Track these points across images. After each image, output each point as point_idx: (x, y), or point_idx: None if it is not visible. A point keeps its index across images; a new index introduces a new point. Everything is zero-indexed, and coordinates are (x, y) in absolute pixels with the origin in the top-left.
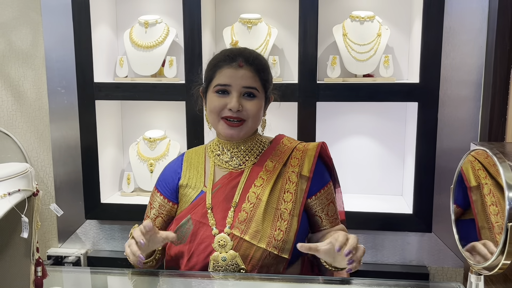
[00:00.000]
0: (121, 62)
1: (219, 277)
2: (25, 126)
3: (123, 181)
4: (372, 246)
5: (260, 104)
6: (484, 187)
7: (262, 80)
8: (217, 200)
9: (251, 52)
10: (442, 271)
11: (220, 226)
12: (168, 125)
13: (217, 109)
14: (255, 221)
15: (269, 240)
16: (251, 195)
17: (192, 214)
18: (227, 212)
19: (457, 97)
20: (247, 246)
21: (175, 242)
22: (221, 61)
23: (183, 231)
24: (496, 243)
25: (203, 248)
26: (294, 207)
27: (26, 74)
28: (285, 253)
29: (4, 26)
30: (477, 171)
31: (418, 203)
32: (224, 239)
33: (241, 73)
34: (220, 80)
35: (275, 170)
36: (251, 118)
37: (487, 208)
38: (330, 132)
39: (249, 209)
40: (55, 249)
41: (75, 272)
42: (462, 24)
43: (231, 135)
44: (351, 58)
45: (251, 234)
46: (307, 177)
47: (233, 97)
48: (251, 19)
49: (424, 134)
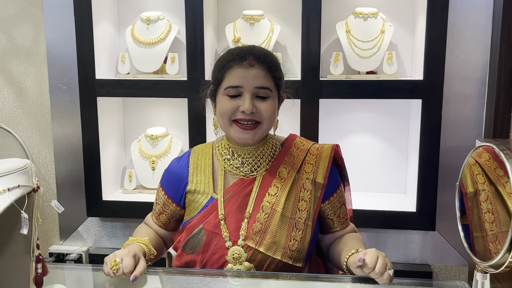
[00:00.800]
0: (123, 59)
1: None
2: (27, 123)
3: (125, 178)
4: (375, 244)
5: (274, 104)
6: (481, 194)
7: (275, 78)
8: (230, 210)
9: (261, 49)
10: (446, 270)
11: (233, 237)
12: (170, 122)
13: (229, 113)
14: (270, 232)
15: (284, 250)
16: (265, 205)
17: (204, 224)
18: (241, 222)
19: (462, 95)
20: (262, 257)
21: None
22: (230, 61)
23: (195, 241)
24: (489, 252)
25: (217, 258)
26: (308, 216)
27: (28, 70)
28: (299, 262)
29: (6, 23)
30: (475, 176)
31: (421, 201)
32: (238, 252)
33: (253, 72)
34: (230, 82)
35: (289, 177)
36: (265, 120)
37: (482, 215)
38: (333, 129)
39: (264, 220)
40: (57, 246)
41: (76, 269)
42: (466, 21)
43: (245, 139)
44: (354, 55)
45: (266, 246)
46: (321, 184)
47: (245, 98)
48: (254, 16)
49: (428, 131)
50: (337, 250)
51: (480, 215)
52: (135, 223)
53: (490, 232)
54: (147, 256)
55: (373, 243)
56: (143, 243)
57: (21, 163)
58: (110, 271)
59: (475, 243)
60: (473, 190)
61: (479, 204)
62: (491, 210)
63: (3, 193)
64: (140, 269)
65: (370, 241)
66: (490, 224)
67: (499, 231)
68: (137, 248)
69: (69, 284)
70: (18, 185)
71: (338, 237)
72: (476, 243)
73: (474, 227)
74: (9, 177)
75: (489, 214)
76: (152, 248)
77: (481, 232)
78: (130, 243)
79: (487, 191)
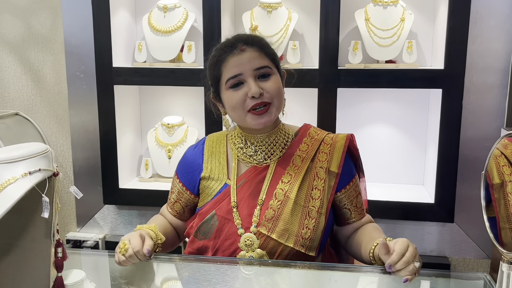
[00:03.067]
0: (140, 47)
1: (244, 263)
2: (45, 111)
3: (141, 166)
4: (392, 235)
5: (278, 80)
6: (508, 185)
7: (270, 55)
8: (243, 196)
9: (246, 34)
10: (464, 262)
11: (246, 224)
12: (186, 111)
13: (240, 104)
14: (283, 219)
15: (297, 238)
16: (278, 192)
17: (217, 210)
18: (253, 209)
19: (483, 84)
20: (274, 244)
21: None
22: (221, 55)
23: (207, 227)
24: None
25: (229, 244)
26: (322, 205)
27: (46, 59)
28: (312, 251)
29: (24, 11)
30: (501, 168)
31: (440, 193)
32: (251, 239)
33: (247, 56)
34: (229, 73)
35: (303, 165)
36: (275, 98)
37: (510, 207)
38: (351, 119)
39: (277, 207)
40: (74, 233)
41: (93, 255)
42: (489, 8)
43: (263, 123)
44: (373, 44)
45: (278, 233)
46: (335, 173)
47: (249, 83)
48: (271, 3)
49: (448, 122)
50: (358, 240)
51: (507, 207)
52: (151, 211)
53: None
54: (155, 240)
55: (390, 235)
56: (150, 229)
57: (42, 147)
58: (122, 258)
59: (503, 235)
60: (499, 181)
61: (506, 195)
62: None
63: (24, 177)
64: (148, 242)
65: (387, 232)
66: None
67: None
68: (144, 231)
69: (87, 270)
70: (39, 169)
71: (357, 228)
72: (504, 234)
73: (502, 219)
74: (30, 160)
75: None
76: (159, 233)
77: (509, 224)
78: (137, 229)
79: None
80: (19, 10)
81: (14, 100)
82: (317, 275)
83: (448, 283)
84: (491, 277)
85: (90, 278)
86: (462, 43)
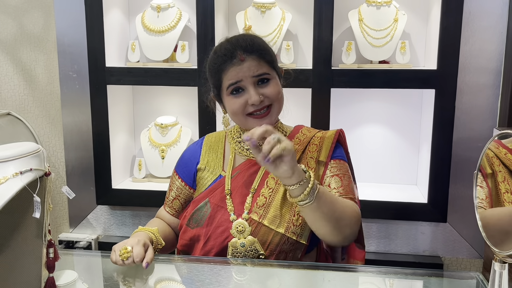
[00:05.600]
0: (133, 47)
1: (237, 263)
2: (37, 111)
3: (134, 167)
4: (385, 235)
5: (277, 83)
6: (498, 175)
7: (269, 61)
8: (236, 185)
9: (245, 39)
10: (457, 262)
11: (238, 211)
12: (180, 111)
13: (240, 110)
14: (274, 206)
15: (288, 225)
16: (270, 181)
17: (210, 198)
18: (246, 197)
19: (476, 85)
20: (265, 231)
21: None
22: (221, 64)
23: (200, 214)
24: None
25: (220, 232)
26: None
27: (38, 58)
28: (303, 238)
29: (16, 10)
30: (491, 159)
31: (433, 193)
32: (242, 225)
33: (246, 65)
34: (229, 81)
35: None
36: (275, 101)
37: (501, 195)
38: (344, 119)
39: (268, 194)
40: (66, 234)
41: (86, 256)
42: (482, 9)
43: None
44: (366, 44)
45: (269, 219)
46: (324, 163)
47: (250, 91)
48: (265, 4)
49: (441, 122)
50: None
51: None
52: (144, 211)
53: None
54: (154, 245)
55: (383, 234)
56: (151, 232)
57: (33, 146)
58: (119, 258)
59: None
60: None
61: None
62: (509, 190)
63: (15, 176)
64: (150, 256)
65: (380, 232)
66: (509, 203)
67: None
68: (146, 236)
69: (79, 270)
70: (30, 168)
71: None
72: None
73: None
74: (21, 160)
75: (508, 194)
76: (160, 238)
77: None
78: (138, 231)
79: (503, 172)
80: (11, 9)
81: (6, 100)
82: (311, 275)
83: (441, 282)
84: (484, 276)
85: (82, 278)
86: (454, 43)
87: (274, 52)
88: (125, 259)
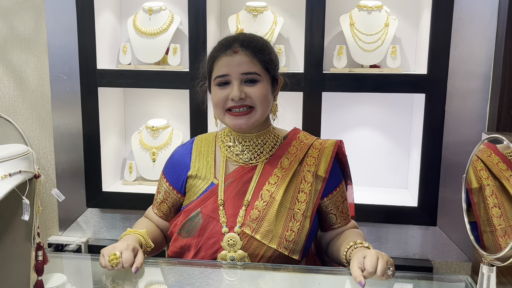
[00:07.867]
0: (125, 49)
1: (228, 266)
2: (27, 113)
3: (125, 169)
4: (375, 238)
5: (265, 87)
6: (486, 189)
7: (262, 62)
8: (229, 195)
9: (246, 35)
10: (446, 265)
11: (230, 223)
12: (171, 113)
13: (221, 102)
14: (268, 220)
15: (280, 240)
16: (264, 193)
17: (202, 208)
18: (238, 209)
19: (465, 89)
20: (257, 245)
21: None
22: (217, 51)
23: (191, 225)
24: (499, 246)
25: (212, 243)
26: (307, 208)
27: (28, 60)
28: (295, 254)
29: (7, 11)
30: (479, 172)
31: (423, 196)
32: (234, 239)
33: (237, 59)
34: (218, 72)
35: (291, 168)
36: (258, 105)
37: (489, 210)
38: (336, 123)
39: (262, 208)
40: (56, 237)
41: (75, 259)
42: (471, 15)
43: (239, 125)
44: (358, 48)
45: (262, 234)
46: (323, 178)
47: (233, 85)
48: (257, 7)
49: (431, 126)
50: (337, 244)
51: (487, 210)
52: (134, 214)
53: (499, 226)
54: (143, 247)
55: (374, 238)
56: (140, 235)
57: (22, 148)
58: (108, 264)
59: (484, 238)
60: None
61: (485, 199)
62: (498, 204)
63: (4, 179)
64: (139, 260)
65: (371, 235)
66: (497, 218)
67: (507, 225)
68: (135, 239)
69: (68, 273)
70: (19, 170)
71: (339, 233)
72: (485, 238)
73: (482, 222)
74: (10, 162)
75: (496, 208)
76: (149, 241)
77: (489, 227)
78: (127, 234)
79: (491, 185)
80: (2, 11)
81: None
82: (301, 278)
83: (430, 285)
84: (472, 279)
85: (71, 282)
86: (444, 48)
87: (276, 57)
88: (114, 265)
